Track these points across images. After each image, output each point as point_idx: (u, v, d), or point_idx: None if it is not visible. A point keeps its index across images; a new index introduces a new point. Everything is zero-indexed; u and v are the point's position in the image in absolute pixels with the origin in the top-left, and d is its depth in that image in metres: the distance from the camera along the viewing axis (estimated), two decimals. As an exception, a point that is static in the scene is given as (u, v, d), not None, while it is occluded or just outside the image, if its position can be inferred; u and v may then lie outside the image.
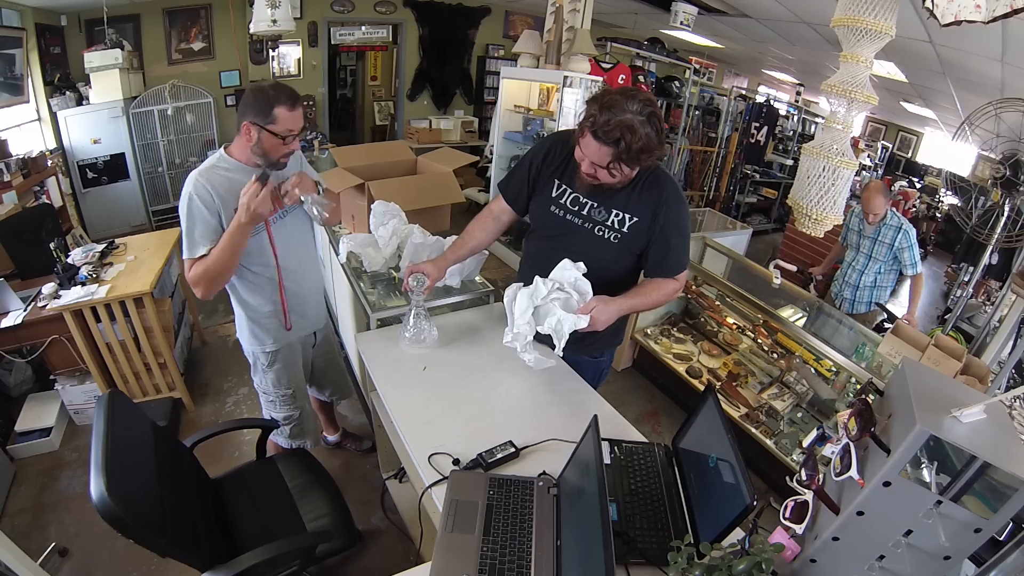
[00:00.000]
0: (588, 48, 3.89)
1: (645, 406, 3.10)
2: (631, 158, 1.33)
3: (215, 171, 1.52)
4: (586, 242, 1.51)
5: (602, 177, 1.40)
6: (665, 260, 1.51)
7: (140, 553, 1.83)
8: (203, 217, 1.49)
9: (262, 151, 1.52)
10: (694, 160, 6.16)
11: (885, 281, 2.97)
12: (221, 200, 1.50)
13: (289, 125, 1.50)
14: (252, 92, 1.50)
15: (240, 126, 1.50)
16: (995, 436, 0.83)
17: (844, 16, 1.65)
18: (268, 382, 1.84)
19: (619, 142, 1.29)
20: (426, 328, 1.72)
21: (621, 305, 1.46)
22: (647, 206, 1.46)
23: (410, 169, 2.97)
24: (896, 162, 8.21)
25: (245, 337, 1.78)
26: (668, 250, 1.49)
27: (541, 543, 1.12)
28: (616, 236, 1.50)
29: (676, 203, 1.48)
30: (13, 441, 2.39)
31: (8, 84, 3.82)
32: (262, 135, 1.49)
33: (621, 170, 1.37)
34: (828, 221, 1.91)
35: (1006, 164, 2.65)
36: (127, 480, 1.15)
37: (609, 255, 1.52)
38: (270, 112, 1.47)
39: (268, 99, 1.46)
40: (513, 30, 7.01)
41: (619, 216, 1.48)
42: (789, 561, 0.98)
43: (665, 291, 1.53)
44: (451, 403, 1.54)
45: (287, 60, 5.85)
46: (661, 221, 1.46)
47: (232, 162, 1.55)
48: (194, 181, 1.49)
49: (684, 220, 1.50)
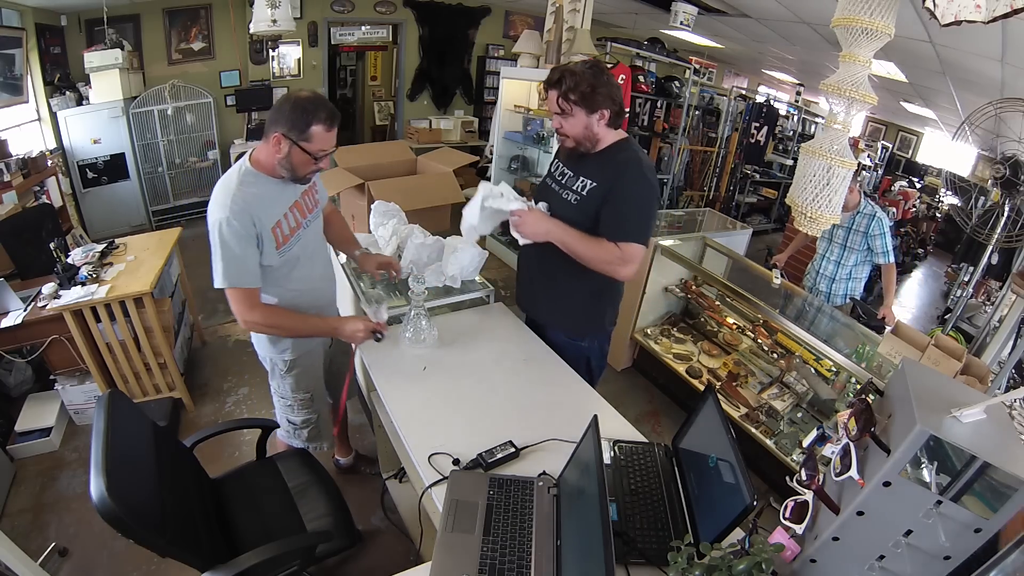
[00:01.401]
0: (588, 48, 3.89)
1: (645, 406, 3.10)
2: (579, 98, 1.53)
3: (245, 191, 1.43)
4: (554, 203, 1.70)
5: (579, 131, 1.58)
6: (610, 224, 1.59)
7: (140, 553, 1.84)
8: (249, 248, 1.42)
9: (290, 166, 1.44)
10: (694, 160, 6.15)
11: (860, 273, 2.97)
12: (259, 222, 1.43)
13: (323, 145, 1.43)
14: (290, 103, 1.40)
15: (271, 135, 1.41)
16: (995, 436, 0.83)
17: (843, 16, 1.66)
18: (287, 387, 1.79)
19: (560, 83, 1.53)
20: (426, 328, 1.72)
21: (557, 228, 1.60)
22: (608, 176, 1.59)
23: (410, 169, 2.97)
24: (896, 162, 8.20)
25: (263, 343, 1.71)
26: (615, 215, 1.58)
27: (541, 543, 1.12)
28: (576, 198, 1.65)
29: (635, 177, 1.58)
30: (13, 441, 2.39)
31: (8, 84, 3.82)
32: (293, 150, 1.41)
33: (572, 111, 1.55)
34: (826, 220, 1.91)
35: (1006, 164, 2.65)
36: (127, 480, 1.15)
37: (568, 215, 1.64)
38: (306, 129, 1.38)
39: (306, 113, 1.37)
40: (513, 30, 7.01)
41: (583, 182, 1.64)
42: (789, 561, 0.98)
43: (604, 250, 1.58)
44: (451, 403, 1.54)
45: (287, 60, 5.85)
46: (616, 190, 1.58)
47: (258, 175, 1.47)
48: (229, 206, 1.39)
49: (639, 195, 1.59)
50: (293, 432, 1.90)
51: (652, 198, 1.62)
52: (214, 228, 1.40)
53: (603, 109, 1.55)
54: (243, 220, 1.39)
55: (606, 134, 1.62)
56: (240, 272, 1.44)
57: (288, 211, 1.54)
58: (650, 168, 1.63)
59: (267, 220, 1.46)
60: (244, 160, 1.49)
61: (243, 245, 1.41)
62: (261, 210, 1.44)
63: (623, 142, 1.65)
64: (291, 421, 1.88)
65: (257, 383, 2.93)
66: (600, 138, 1.61)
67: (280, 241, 1.51)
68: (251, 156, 1.50)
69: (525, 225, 1.60)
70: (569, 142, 1.62)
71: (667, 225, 3.61)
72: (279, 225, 1.51)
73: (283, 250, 1.53)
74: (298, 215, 1.58)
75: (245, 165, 1.48)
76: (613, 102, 1.57)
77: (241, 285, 1.45)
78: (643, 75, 5.19)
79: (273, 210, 1.49)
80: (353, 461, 2.37)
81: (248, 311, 1.48)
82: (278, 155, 1.43)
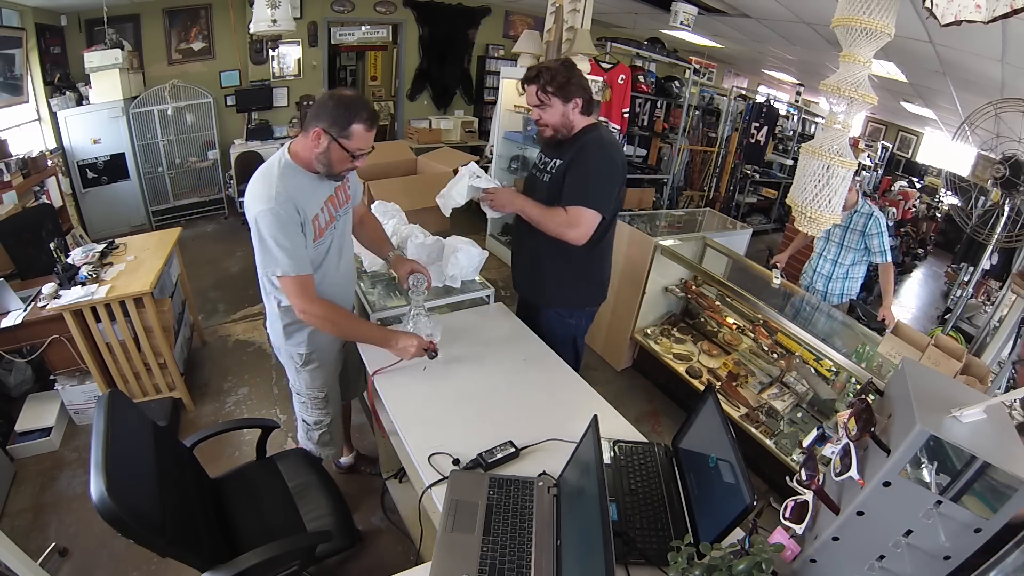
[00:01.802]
0: (588, 48, 3.89)
1: (645, 406, 3.10)
2: (556, 89, 1.73)
3: (287, 181, 1.45)
4: (534, 184, 1.93)
5: (557, 119, 1.78)
6: (566, 192, 1.77)
7: (140, 553, 1.83)
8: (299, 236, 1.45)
9: (328, 161, 1.47)
10: (694, 160, 6.16)
11: (857, 272, 2.97)
12: (303, 211, 1.46)
13: (362, 144, 1.46)
14: (333, 99, 1.42)
15: (311, 129, 1.43)
16: (995, 436, 0.83)
17: (843, 16, 1.65)
18: (302, 382, 1.81)
19: (538, 77, 1.75)
20: (426, 328, 1.72)
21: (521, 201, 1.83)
22: (569, 152, 1.79)
23: (410, 169, 2.97)
24: (896, 162, 8.20)
25: (278, 334, 1.72)
26: (569, 185, 1.77)
27: (541, 543, 1.12)
28: (548, 177, 1.86)
29: (589, 150, 1.77)
30: (13, 441, 2.39)
31: (8, 84, 3.82)
32: (332, 146, 1.43)
33: (550, 102, 1.75)
34: (826, 220, 1.90)
35: (1006, 164, 2.65)
36: (127, 480, 1.15)
37: (542, 194, 1.85)
38: (348, 126, 1.41)
39: (349, 111, 1.40)
40: (513, 30, 7.01)
41: (554, 162, 1.85)
42: (789, 561, 0.99)
43: (554, 215, 1.77)
44: (451, 403, 1.54)
45: (287, 60, 5.84)
46: (574, 163, 1.77)
47: (297, 168, 1.49)
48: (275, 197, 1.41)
49: (591, 165, 1.76)
50: (306, 433, 1.92)
51: (605, 169, 1.77)
52: (260, 219, 1.41)
53: (577, 98, 1.76)
54: (288, 208, 1.42)
55: (580, 120, 1.81)
56: (296, 259, 1.45)
57: (325, 204, 1.57)
58: (611, 144, 1.82)
59: (308, 211, 1.48)
60: (283, 152, 1.51)
61: (293, 233, 1.43)
62: (303, 200, 1.46)
63: (591, 126, 1.84)
64: (305, 420, 1.90)
65: (257, 383, 2.93)
66: (575, 124, 1.81)
67: (317, 233, 1.54)
68: (289, 148, 1.51)
69: (497, 201, 1.83)
70: (548, 131, 1.82)
71: (667, 225, 3.61)
72: (317, 218, 1.53)
73: (319, 243, 1.56)
74: (332, 209, 1.61)
75: (285, 158, 1.50)
76: (585, 91, 1.78)
77: (298, 272, 1.46)
78: (643, 75, 5.20)
79: (313, 201, 1.51)
80: (353, 461, 2.37)
81: (309, 302, 1.50)
82: (316, 149, 1.44)
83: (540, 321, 2.00)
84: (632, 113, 5.18)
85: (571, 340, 2.03)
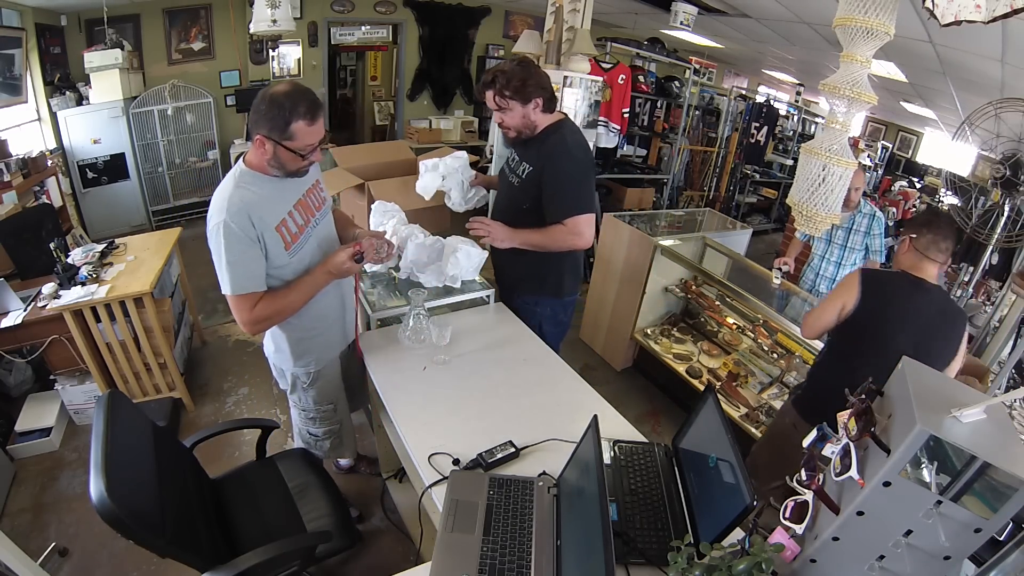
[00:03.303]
0: (588, 48, 3.89)
1: (645, 406, 3.10)
2: (512, 92, 1.73)
3: (243, 192, 1.38)
4: (506, 188, 1.99)
5: (519, 121, 1.79)
6: (550, 207, 1.81)
7: (140, 553, 1.83)
8: (251, 250, 1.37)
9: (280, 164, 1.40)
10: (694, 160, 6.15)
11: None
12: (260, 222, 1.38)
13: (308, 140, 1.37)
14: (266, 103, 1.32)
15: (254, 136, 1.36)
16: (995, 436, 0.83)
17: (844, 16, 1.65)
18: (310, 400, 1.75)
19: (494, 82, 1.74)
20: (426, 328, 1.72)
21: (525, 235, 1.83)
22: (540, 159, 1.81)
23: (410, 169, 2.97)
24: (896, 162, 8.18)
25: (286, 358, 1.65)
26: (551, 198, 1.81)
27: (541, 543, 1.12)
28: (518, 180, 1.89)
29: (558, 157, 1.78)
30: (13, 441, 2.39)
31: (8, 84, 3.82)
32: (278, 150, 1.35)
33: (509, 105, 1.76)
34: (826, 220, 1.91)
35: (1006, 164, 2.65)
36: (127, 480, 1.15)
37: (513, 196, 1.92)
38: (287, 127, 1.32)
39: (283, 111, 1.31)
40: (513, 30, 7.01)
41: (524, 166, 1.87)
42: (789, 561, 0.98)
43: (556, 233, 1.81)
44: (451, 403, 1.54)
45: (287, 60, 5.84)
46: (546, 174, 1.79)
47: (255, 175, 1.42)
48: (227, 208, 1.33)
49: (565, 172, 1.78)
50: (314, 444, 1.86)
51: (580, 172, 1.81)
52: (212, 233, 1.35)
53: (536, 98, 1.76)
54: (241, 222, 1.34)
55: (543, 119, 1.82)
56: (241, 277, 1.38)
57: (293, 209, 1.49)
58: (577, 145, 1.82)
59: (269, 220, 1.41)
60: (240, 163, 1.45)
61: (243, 248, 1.36)
62: (262, 210, 1.38)
63: (555, 124, 1.84)
64: (312, 433, 1.84)
65: (257, 383, 2.93)
66: (538, 124, 1.82)
67: (288, 240, 1.46)
68: (244, 158, 1.45)
69: (495, 239, 1.83)
70: (511, 133, 1.83)
71: (667, 225, 3.61)
72: (284, 224, 1.45)
73: (293, 250, 1.48)
74: (305, 213, 1.53)
75: (240, 167, 1.43)
76: (544, 90, 1.77)
77: (243, 291, 1.40)
78: (643, 75, 5.19)
79: (275, 209, 1.44)
80: (353, 461, 2.36)
81: (249, 314, 1.43)
82: (265, 156, 1.38)
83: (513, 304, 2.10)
84: (632, 113, 5.17)
85: (537, 327, 2.07)
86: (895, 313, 1.61)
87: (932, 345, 1.59)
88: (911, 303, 1.60)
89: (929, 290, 1.61)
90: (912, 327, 1.58)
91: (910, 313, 1.59)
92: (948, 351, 1.61)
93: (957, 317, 1.62)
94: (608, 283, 3.33)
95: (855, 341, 1.68)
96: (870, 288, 1.64)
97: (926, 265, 1.63)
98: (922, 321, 1.58)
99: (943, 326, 1.60)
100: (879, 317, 1.62)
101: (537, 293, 2.05)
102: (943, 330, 1.60)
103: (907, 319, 1.59)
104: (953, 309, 1.63)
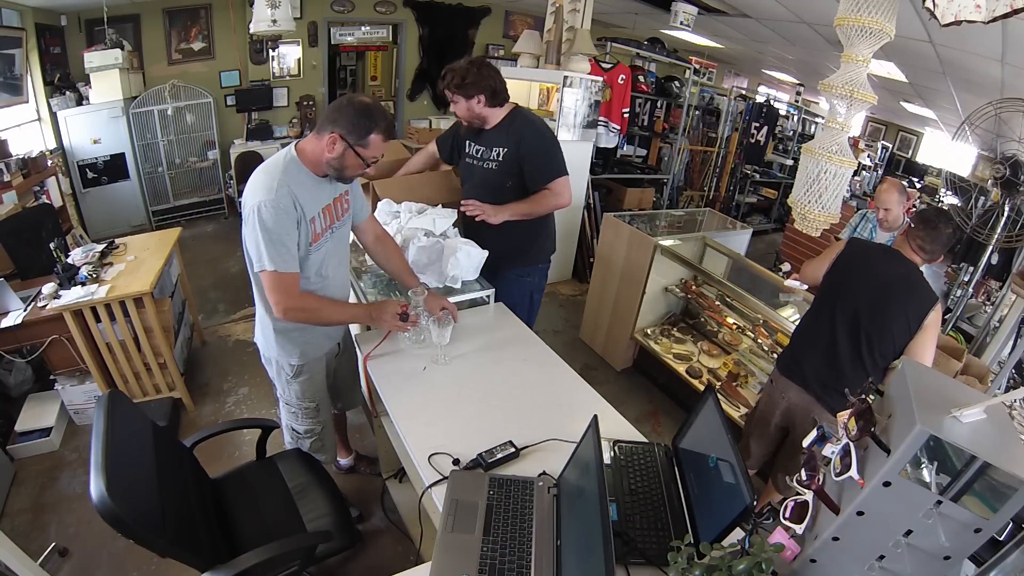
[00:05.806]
0: (588, 48, 3.89)
1: (645, 406, 3.10)
2: (455, 88, 1.97)
3: (290, 176, 1.42)
4: (481, 175, 2.16)
5: (465, 114, 2.03)
6: (535, 176, 2.08)
7: (140, 553, 1.84)
8: (294, 232, 1.42)
9: (340, 166, 1.45)
10: (694, 160, 6.15)
11: None
12: (301, 207, 1.43)
13: (377, 153, 1.48)
14: (353, 106, 1.41)
15: (326, 133, 1.41)
16: (995, 436, 0.83)
17: (845, 16, 1.66)
18: (292, 393, 1.77)
19: (443, 77, 1.98)
20: (426, 328, 1.72)
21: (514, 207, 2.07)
22: (511, 140, 2.05)
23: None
24: (896, 162, 8.19)
25: (271, 345, 1.68)
26: (534, 168, 2.07)
27: (541, 543, 1.12)
28: (495, 165, 2.10)
29: (530, 134, 2.05)
30: (13, 441, 2.39)
31: (8, 84, 3.82)
32: (347, 153, 1.42)
33: (454, 99, 2.00)
34: (825, 220, 1.91)
35: (1006, 164, 2.65)
36: (127, 480, 1.15)
37: (494, 180, 2.11)
38: (367, 135, 1.41)
39: (369, 121, 1.40)
40: (513, 30, 7.01)
41: (495, 151, 2.09)
42: (789, 561, 0.98)
43: (545, 200, 2.10)
44: (451, 403, 1.54)
45: (287, 60, 5.84)
46: (523, 149, 2.04)
47: (301, 168, 1.46)
48: (276, 188, 1.38)
49: (541, 143, 2.07)
50: (296, 440, 1.89)
51: (552, 143, 2.11)
52: (256, 210, 1.37)
53: (479, 94, 1.97)
54: (287, 202, 1.39)
55: (492, 112, 2.05)
56: (283, 255, 1.41)
57: (322, 210, 1.54)
58: (542, 123, 2.11)
59: (308, 209, 1.46)
60: (290, 149, 1.48)
61: (286, 227, 1.40)
62: (303, 198, 1.44)
63: (512, 113, 2.08)
64: (295, 429, 1.86)
65: (257, 383, 2.93)
66: (486, 116, 2.05)
67: (312, 237, 1.51)
68: (297, 146, 1.49)
69: (489, 216, 2.04)
70: (464, 122, 2.08)
71: (667, 225, 3.61)
72: (314, 220, 1.50)
73: (315, 247, 1.53)
74: (329, 218, 1.58)
75: (291, 154, 1.47)
76: (486, 88, 1.97)
77: (284, 269, 1.43)
78: (643, 75, 5.18)
79: (312, 203, 1.49)
80: (353, 461, 2.37)
81: (288, 297, 1.46)
82: (330, 154, 1.43)
83: (498, 285, 2.15)
84: (632, 113, 5.17)
85: (528, 296, 2.30)
86: (861, 269, 1.78)
87: (887, 308, 1.66)
88: (879, 265, 1.76)
89: (901, 261, 1.72)
90: (873, 284, 1.72)
91: (874, 272, 1.74)
92: (903, 321, 1.65)
93: (923, 294, 1.66)
94: (608, 283, 3.33)
95: (825, 293, 1.87)
96: (852, 249, 1.85)
97: (910, 254, 1.73)
98: (882, 281, 1.70)
99: (902, 295, 1.66)
100: (847, 271, 1.81)
101: (524, 264, 2.27)
102: (901, 298, 1.66)
103: (869, 276, 1.74)
104: (922, 286, 1.67)
